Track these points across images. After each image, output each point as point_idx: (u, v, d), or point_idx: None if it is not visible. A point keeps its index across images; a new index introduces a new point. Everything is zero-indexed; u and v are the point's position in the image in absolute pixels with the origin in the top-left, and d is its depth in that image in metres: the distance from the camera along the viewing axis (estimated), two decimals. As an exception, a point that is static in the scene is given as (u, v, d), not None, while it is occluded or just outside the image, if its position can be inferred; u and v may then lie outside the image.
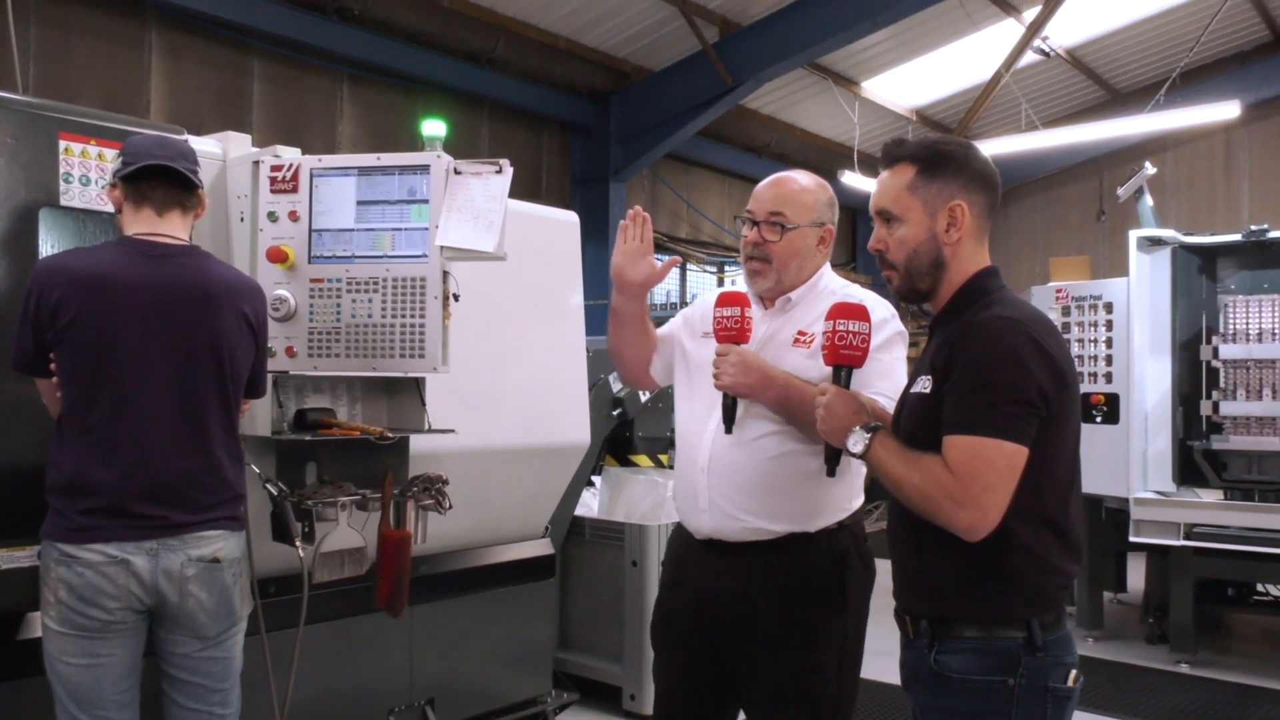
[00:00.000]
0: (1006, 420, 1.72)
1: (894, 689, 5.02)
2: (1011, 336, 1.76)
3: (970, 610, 1.82)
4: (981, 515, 1.72)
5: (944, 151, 1.93)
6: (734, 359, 2.25)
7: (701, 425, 2.39)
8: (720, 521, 2.34)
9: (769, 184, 2.46)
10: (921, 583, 1.91)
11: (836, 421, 1.93)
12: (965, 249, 1.92)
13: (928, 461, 1.77)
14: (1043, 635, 1.79)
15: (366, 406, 3.22)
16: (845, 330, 1.96)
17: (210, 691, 2.46)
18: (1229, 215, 10.66)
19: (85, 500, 2.30)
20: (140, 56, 6.43)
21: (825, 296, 2.38)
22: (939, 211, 1.90)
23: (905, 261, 1.93)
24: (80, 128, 2.68)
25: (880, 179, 1.98)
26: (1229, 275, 5.85)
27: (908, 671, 1.94)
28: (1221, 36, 10.01)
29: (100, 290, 2.33)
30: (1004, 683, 1.78)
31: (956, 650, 1.82)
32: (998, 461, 1.71)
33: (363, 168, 2.80)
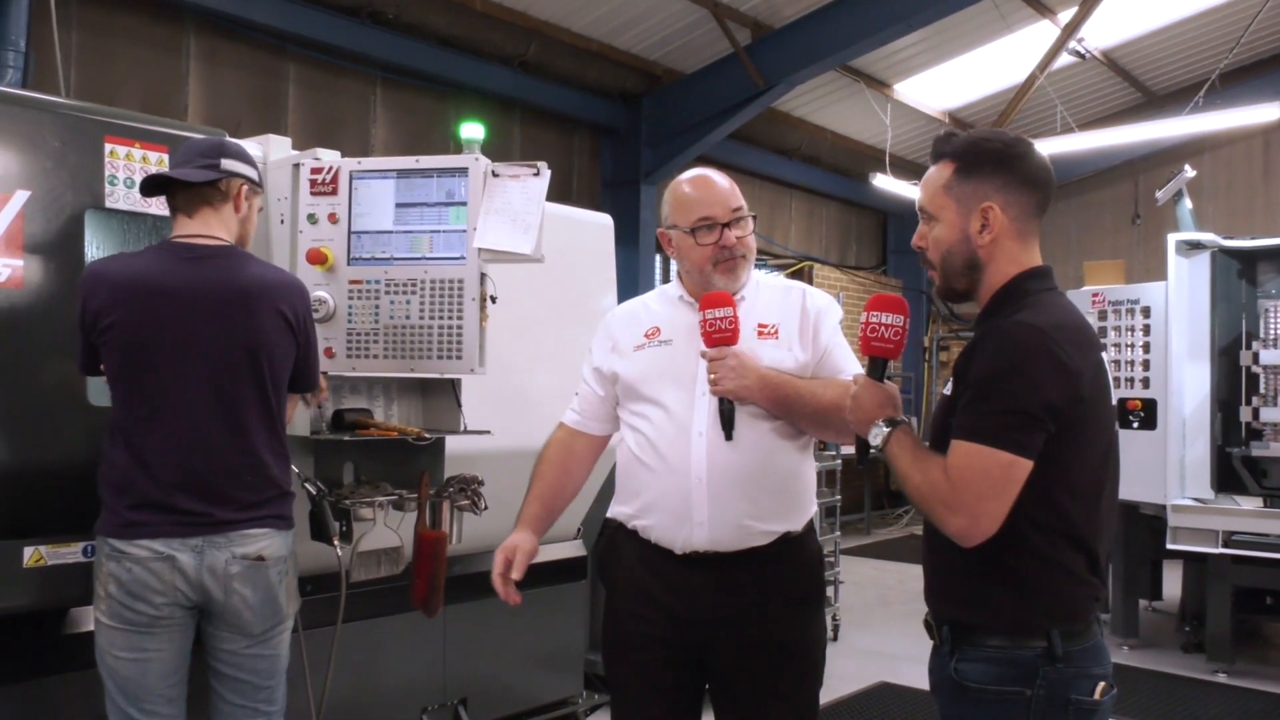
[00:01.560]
0: (1005, 430, 1.69)
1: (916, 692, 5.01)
2: (1024, 345, 1.72)
3: (990, 619, 1.80)
4: (972, 522, 1.70)
5: (984, 149, 1.88)
6: (733, 362, 2.18)
7: (684, 434, 2.24)
8: (722, 532, 2.21)
9: (715, 184, 2.34)
10: (944, 589, 1.90)
11: (863, 413, 1.91)
12: (1004, 250, 1.87)
13: (931, 463, 1.77)
14: (1065, 646, 1.75)
15: (402, 407, 3.24)
16: (879, 323, 1.92)
17: (256, 688, 2.49)
18: (1268, 219, 10.50)
19: (132, 497, 2.35)
20: (178, 61, 6.51)
21: (764, 288, 2.41)
22: (972, 212, 1.86)
23: (940, 261, 1.92)
24: (125, 131, 2.72)
25: (925, 175, 1.95)
26: (1269, 279, 5.77)
27: (933, 678, 1.93)
28: (1262, 37, 9.86)
29: (137, 295, 2.38)
30: (1021, 694, 1.74)
31: (975, 659, 1.80)
32: (992, 471, 1.69)
33: (402, 170, 2.83)
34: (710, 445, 2.23)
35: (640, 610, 2.32)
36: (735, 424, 2.20)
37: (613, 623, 2.41)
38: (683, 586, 2.25)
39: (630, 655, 2.35)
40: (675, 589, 2.26)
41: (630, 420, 2.37)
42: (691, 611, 2.25)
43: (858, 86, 9.84)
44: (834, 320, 2.37)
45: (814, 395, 2.22)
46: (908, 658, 5.79)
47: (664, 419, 2.29)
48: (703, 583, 2.24)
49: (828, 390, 2.22)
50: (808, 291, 2.41)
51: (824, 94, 10.03)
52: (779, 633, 2.26)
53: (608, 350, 2.45)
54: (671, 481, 2.25)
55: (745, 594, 2.24)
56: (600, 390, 2.46)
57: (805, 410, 2.23)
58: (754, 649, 2.26)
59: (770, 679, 2.26)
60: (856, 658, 5.74)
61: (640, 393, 2.34)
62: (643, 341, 2.38)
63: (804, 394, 2.22)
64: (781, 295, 2.40)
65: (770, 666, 2.26)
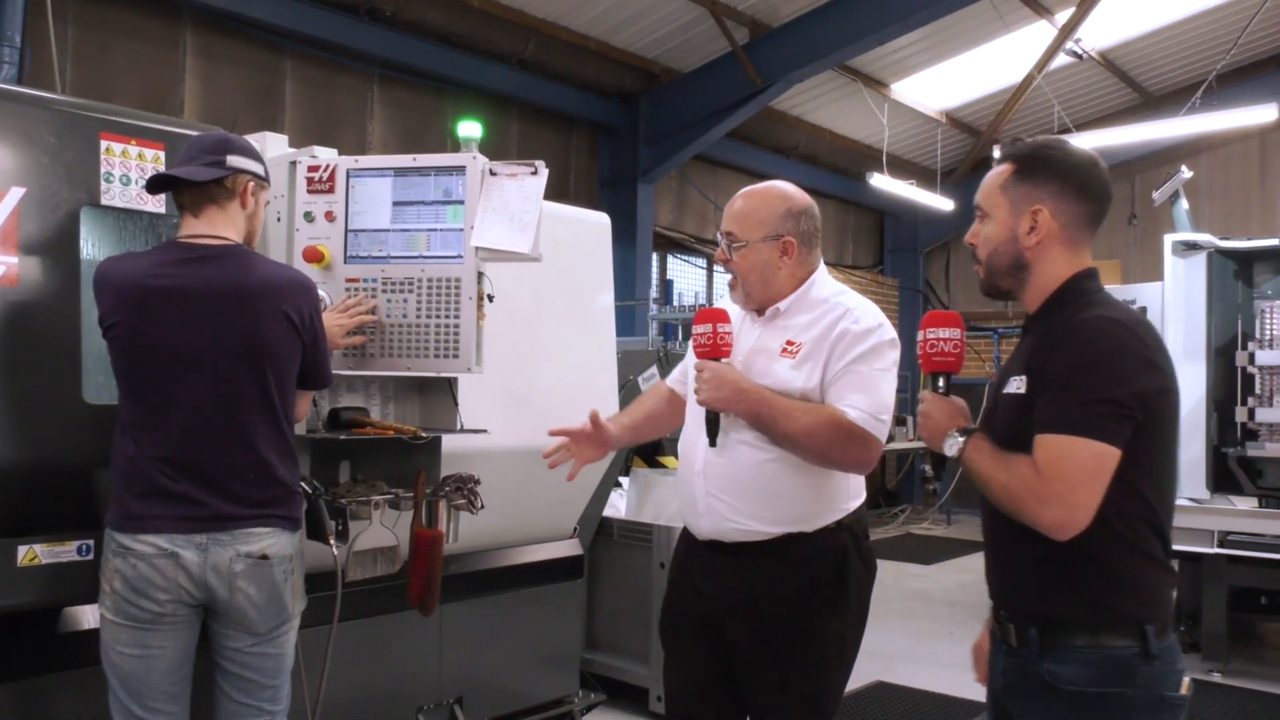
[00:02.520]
0: (1097, 420, 1.70)
1: (911, 691, 5.02)
2: (1110, 336, 1.75)
3: (1082, 616, 1.78)
4: (1067, 513, 1.70)
5: (1044, 155, 1.92)
6: (708, 375, 2.32)
7: (696, 434, 2.45)
8: (717, 524, 2.40)
9: (734, 199, 2.50)
10: (1028, 587, 1.87)
11: (934, 426, 1.95)
12: (1052, 254, 1.90)
13: (1015, 461, 1.77)
14: (1156, 642, 1.75)
15: (399, 406, 3.24)
16: (936, 338, 1.99)
17: (261, 687, 2.49)
18: (1264, 220, 10.52)
19: (138, 485, 2.36)
20: (175, 57, 6.50)
21: (815, 304, 2.42)
22: (1022, 213, 1.90)
23: (987, 259, 1.96)
24: (121, 128, 2.71)
25: (987, 175, 2.01)
26: (1265, 280, 5.78)
27: (1009, 679, 1.89)
28: (1258, 39, 9.88)
29: (139, 296, 2.37)
30: (1121, 694, 1.74)
31: (1069, 660, 1.77)
32: (1086, 461, 1.70)
33: (399, 168, 2.82)
34: (706, 447, 2.40)
35: (679, 587, 2.58)
36: (726, 433, 2.36)
37: (665, 600, 2.65)
38: (706, 567, 2.46)
39: (671, 628, 2.59)
40: (702, 569, 2.48)
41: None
42: (710, 590, 2.44)
43: (855, 86, 9.85)
44: (860, 348, 2.32)
45: (788, 416, 2.28)
46: (903, 657, 5.80)
47: (691, 419, 2.54)
48: (721, 567, 2.42)
49: (805, 416, 2.27)
50: (850, 312, 2.38)
51: (821, 93, 10.03)
52: (785, 624, 2.34)
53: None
54: (686, 473, 2.49)
55: (755, 583, 2.37)
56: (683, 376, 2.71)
57: (778, 430, 2.30)
58: (758, 639, 2.37)
59: (773, 667, 2.35)
60: (852, 657, 5.74)
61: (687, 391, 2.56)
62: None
63: (778, 414, 2.28)
64: (821, 314, 2.40)
65: (774, 655, 2.35)
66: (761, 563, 2.36)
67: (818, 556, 2.36)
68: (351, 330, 2.74)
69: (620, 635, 4.67)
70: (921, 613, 7.07)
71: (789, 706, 2.36)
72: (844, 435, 2.26)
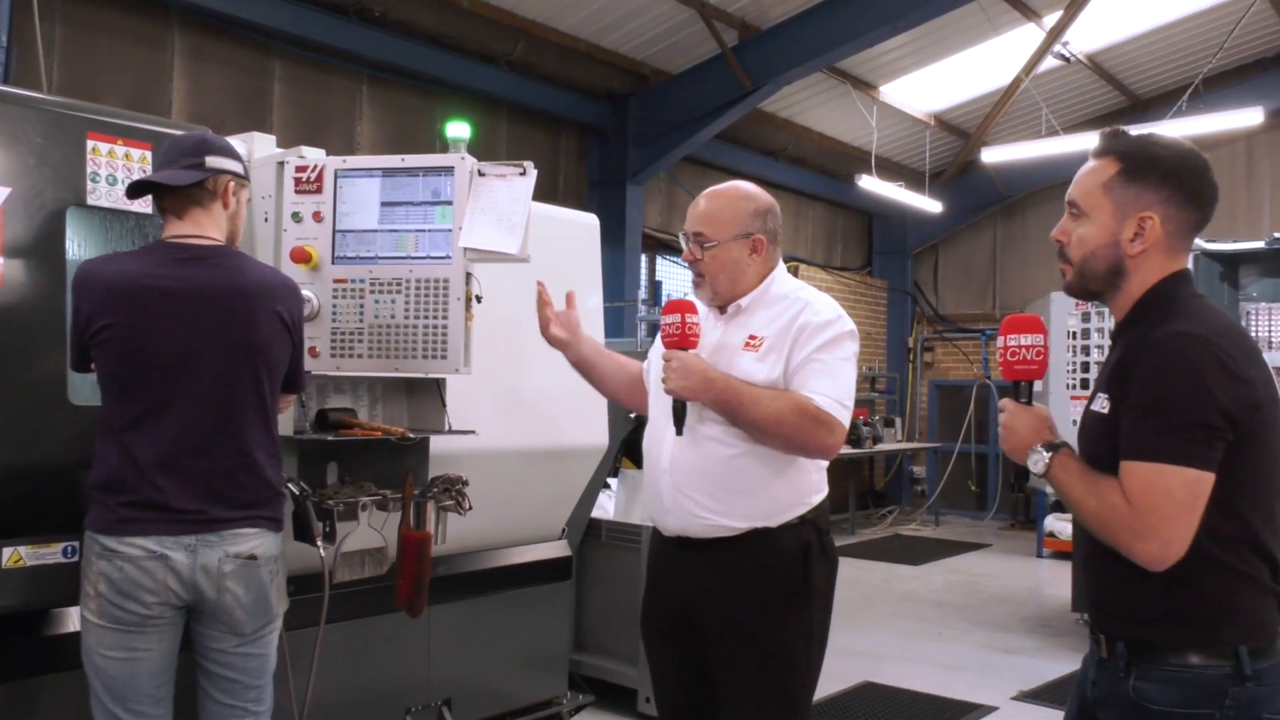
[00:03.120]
0: (1186, 446, 1.63)
1: (900, 692, 5.04)
2: (1191, 354, 1.66)
3: (1172, 636, 1.71)
4: (1163, 547, 1.65)
5: (1154, 155, 1.79)
6: (675, 364, 2.34)
7: (662, 429, 2.47)
8: (685, 520, 2.42)
9: (698, 200, 2.55)
10: (1119, 608, 1.80)
11: (1017, 439, 1.85)
12: (1151, 261, 1.79)
13: (1106, 487, 1.70)
14: (1254, 664, 1.67)
15: (387, 407, 3.23)
16: (1017, 345, 1.90)
17: (246, 688, 2.48)
18: (1250, 223, 10.57)
19: (123, 494, 2.34)
20: (163, 57, 6.48)
21: (776, 300, 2.48)
22: (1128, 218, 1.78)
23: (1081, 261, 1.84)
24: (108, 128, 2.70)
25: (1082, 169, 1.87)
26: (1251, 283, 5.83)
27: (1099, 692, 1.84)
28: (1244, 43, 9.93)
29: (131, 297, 2.36)
30: (1210, 716, 1.67)
31: (1157, 679, 1.71)
32: (1177, 491, 1.63)
33: (387, 169, 2.82)
34: (673, 440, 2.43)
35: (654, 585, 2.61)
36: (696, 426, 2.39)
37: (643, 599, 2.65)
38: (678, 564, 2.49)
39: (649, 627, 2.61)
40: (672, 566, 2.51)
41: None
42: (683, 586, 2.47)
43: (844, 88, 9.87)
44: (822, 339, 2.37)
45: (756, 403, 2.31)
46: (892, 657, 5.81)
47: (655, 415, 2.56)
48: (689, 562, 2.45)
49: (773, 402, 2.31)
50: (809, 305, 2.44)
51: (810, 95, 10.06)
52: (753, 619, 2.38)
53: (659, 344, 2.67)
54: (652, 470, 2.51)
55: (721, 579, 2.40)
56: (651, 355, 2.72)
57: (745, 416, 2.32)
58: (731, 632, 2.40)
59: (743, 662, 2.38)
60: (841, 657, 5.74)
61: (651, 387, 2.62)
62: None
63: (746, 400, 2.31)
64: (781, 309, 2.46)
65: (743, 650, 2.38)
66: (728, 558, 2.39)
67: (783, 551, 2.38)
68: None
69: (609, 636, 4.67)
70: (910, 613, 7.09)
71: (760, 701, 2.38)
72: (810, 420, 2.30)
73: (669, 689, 2.60)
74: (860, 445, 10.27)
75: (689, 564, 2.45)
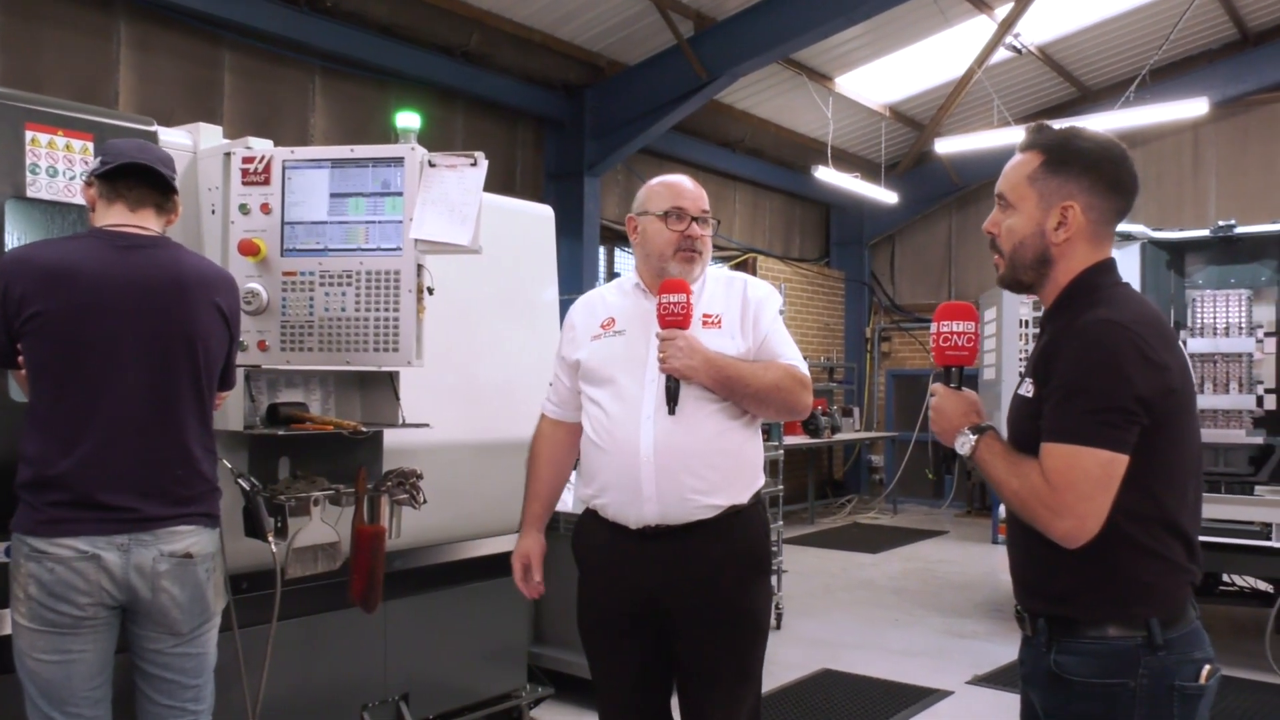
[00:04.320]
0: (1102, 428, 1.70)
1: (857, 678, 5.09)
2: (1111, 341, 1.72)
3: (1089, 611, 1.80)
4: (1078, 524, 1.71)
5: (1076, 147, 1.86)
6: (681, 343, 2.36)
7: (633, 416, 2.43)
8: (670, 507, 2.39)
9: (687, 184, 2.59)
10: (1039, 585, 1.88)
11: (947, 422, 1.92)
12: (1076, 250, 1.86)
13: (1027, 468, 1.77)
14: (1164, 634, 1.75)
15: (340, 401, 3.21)
16: (950, 331, 1.96)
17: (183, 687, 2.44)
18: (1197, 211, 10.78)
19: (54, 493, 2.28)
20: (109, 48, 6.35)
21: (713, 280, 2.60)
22: (1052, 208, 1.85)
23: (1011, 251, 1.91)
24: (47, 118, 2.64)
25: (1009, 163, 1.94)
26: (1197, 270, 5.93)
27: (1026, 669, 1.94)
28: (1190, 35, 10.11)
29: (67, 283, 2.30)
30: (1124, 685, 1.75)
31: (1075, 651, 1.80)
32: (1093, 470, 1.70)
33: (336, 160, 2.79)
34: (657, 426, 2.40)
35: (605, 584, 2.53)
36: (683, 405, 2.38)
37: (585, 599, 2.59)
38: (640, 559, 2.44)
39: (599, 628, 2.56)
40: (634, 562, 2.45)
41: (587, 406, 2.55)
42: (649, 581, 2.43)
43: (800, 79, 9.91)
44: (773, 309, 2.56)
45: (755, 376, 2.43)
46: (850, 645, 5.86)
47: (616, 403, 2.47)
48: (658, 554, 2.42)
49: (768, 372, 2.44)
50: (749, 282, 2.60)
51: (767, 87, 10.08)
52: (729, 596, 2.43)
53: (570, 340, 2.64)
54: (623, 461, 2.42)
55: (697, 562, 2.41)
56: (567, 381, 2.65)
57: (748, 390, 2.42)
58: (706, 612, 2.42)
59: (722, 638, 2.43)
60: (799, 645, 5.80)
61: (595, 379, 2.53)
62: (599, 331, 2.56)
63: (746, 375, 2.41)
64: (725, 287, 2.59)
65: (721, 627, 2.43)
66: (704, 542, 2.41)
67: (750, 528, 2.49)
68: None
69: (568, 629, 4.63)
70: (868, 601, 7.16)
71: (731, 674, 2.44)
72: (798, 384, 2.47)
73: (618, 689, 2.56)
74: (819, 435, 10.34)
75: (654, 556, 2.41)
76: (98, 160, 2.44)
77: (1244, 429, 5.49)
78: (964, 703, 4.91)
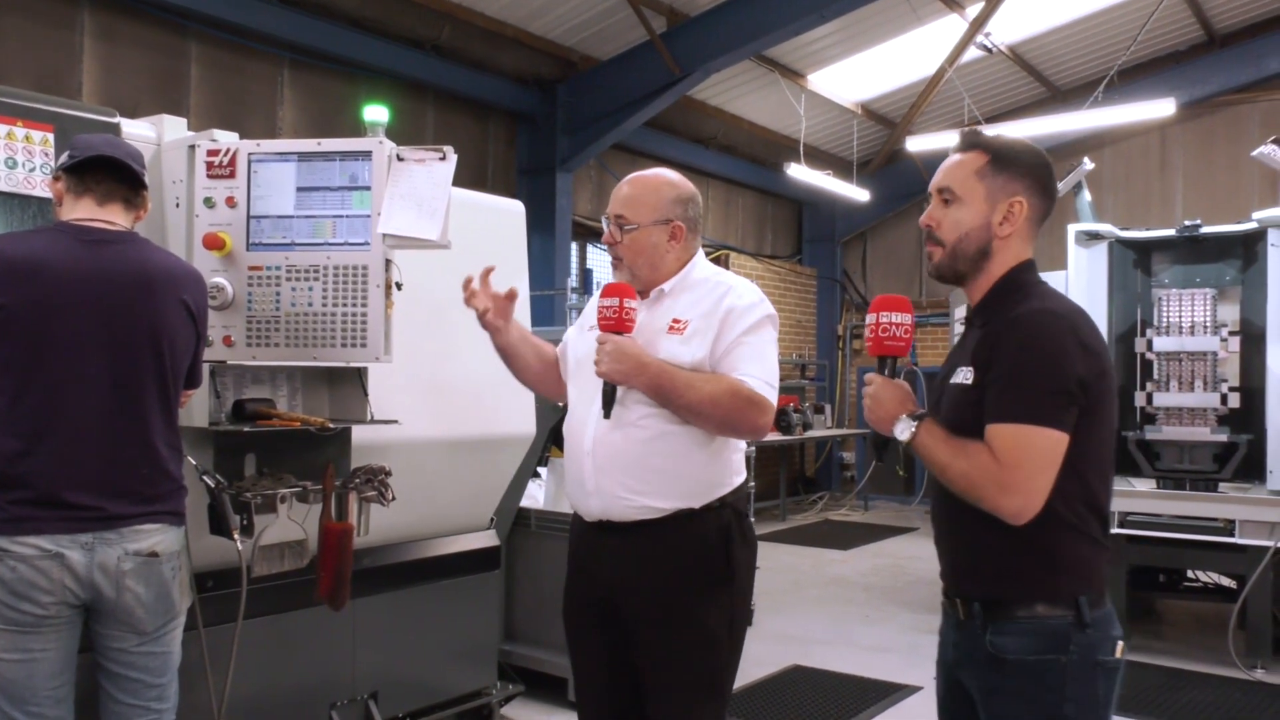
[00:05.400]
0: (1049, 409, 1.80)
1: (827, 674, 5.11)
2: (1052, 329, 1.84)
3: (1023, 591, 1.89)
4: (1027, 500, 1.80)
5: (1016, 149, 2.01)
6: (610, 347, 2.35)
7: (585, 412, 2.47)
8: (608, 503, 2.41)
9: (621, 185, 2.56)
10: (972, 566, 1.97)
11: (883, 410, 1.98)
12: (1012, 245, 1.99)
13: (973, 449, 1.85)
14: (1090, 612, 1.86)
15: (307, 397, 3.17)
16: (889, 322, 2.01)
17: (147, 687, 2.41)
18: (1163, 211, 10.91)
19: (16, 491, 2.25)
20: (72, 38, 6.25)
21: (697, 285, 2.51)
22: (999, 203, 1.97)
23: (955, 242, 2.00)
24: (7, 109, 2.60)
25: (949, 161, 2.04)
26: (1163, 269, 5.98)
27: (959, 653, 2.01)
28: (1158, 36, 10.22)
29: (31, 277, 2.26)
30: (1057, 661, 1.85)
31: (1010, 632, 1.88)
32: (1041, 448, 1.80)
33: (303, 153, 2.75)
34: (597, 424, 2.41)
35: (574, 574, 2.58)
36: (624, 408, 2.38)
37: (565, 586, 2.63)
38: (598, 550, 2.48)
39: (574, 616, 2.60)
40: (593, 553, 2.49)
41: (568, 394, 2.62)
42: (604, 573, 2.46)
43: (773, 77, 9.93)
44: (748, 321, 2.42)
45: (690, 387, 2.34)
46: (820, 641, 5.89)
47: (576, 398, 2.54)
48: (612, 547, 2.44)
49: (707, 384, 2.35)
50: (731, 290, 2.47)
51: (740, 83, 10.10)
52: (677, 601, 2.39)
53: (576, 326, 2.69)
54: (575, 454, 2.48)
55: (646, 563, 2.40)
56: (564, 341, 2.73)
57: (680, 400, 2.35)
58: (654, 616, 2.40)
59: (671, 645, 2.40)
60: (770, 641, 5.81)
61: (569, 371, 2.62)
62: (592, 325, 2.54)
63: (680, 385, 2.34)
64: (704, 293, 2.49)
65: (669, 633, 2.39)
66: (650, 542, 2.39)
67: (705, 534, 2.41)
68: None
69: (539, 626, 4.65)
70: (839, 597, 7.19)
71: (683, 685, 2.40)
72: (744, 402, 2.35)
73: (590, 680, 2.58)
74: (791, 432, 10.38)
75: (610, 549, 2.44)
76: (65, 154, 2.40)
77: (1209, 427, 5.56)
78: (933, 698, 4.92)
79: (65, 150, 2.43)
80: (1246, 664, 5.24)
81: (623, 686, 2.50)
